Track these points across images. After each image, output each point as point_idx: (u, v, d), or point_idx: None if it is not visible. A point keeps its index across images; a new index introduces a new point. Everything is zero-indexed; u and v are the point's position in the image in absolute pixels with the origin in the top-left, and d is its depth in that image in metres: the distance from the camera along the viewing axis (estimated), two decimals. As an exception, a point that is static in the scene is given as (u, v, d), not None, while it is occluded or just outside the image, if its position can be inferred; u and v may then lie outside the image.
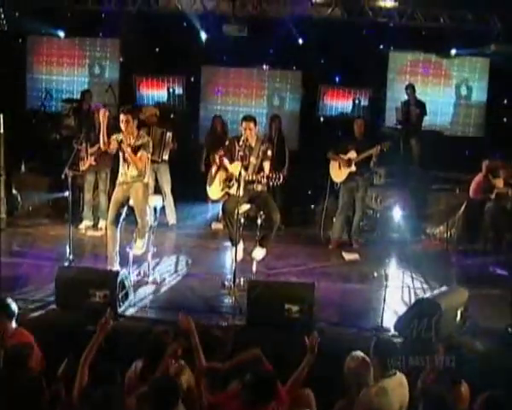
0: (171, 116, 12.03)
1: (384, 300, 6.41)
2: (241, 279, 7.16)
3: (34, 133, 11.15)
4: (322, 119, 12.04)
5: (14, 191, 10.21)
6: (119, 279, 6.25)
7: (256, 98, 11.93)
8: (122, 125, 7.17)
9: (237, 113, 11.77)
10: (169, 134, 9.60)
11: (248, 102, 11.96)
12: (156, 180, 9.82)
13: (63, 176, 7.39)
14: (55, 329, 6.03)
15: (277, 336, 5.88)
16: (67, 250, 7.48)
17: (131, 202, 7.26)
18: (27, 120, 11.67)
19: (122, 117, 7.16)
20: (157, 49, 11.84)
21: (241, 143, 7.13)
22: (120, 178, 7.37)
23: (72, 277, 6.30)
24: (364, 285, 7.54)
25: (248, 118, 7.23)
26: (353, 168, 9.02)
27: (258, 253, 7.23)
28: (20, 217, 10.07)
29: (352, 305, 6.92)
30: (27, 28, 11.84)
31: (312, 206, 10.98)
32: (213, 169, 7.47)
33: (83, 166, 9.36)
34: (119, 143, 7.19)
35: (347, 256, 8.78)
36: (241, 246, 7.26)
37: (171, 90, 12.06)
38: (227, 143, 7.37)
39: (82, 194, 9.82)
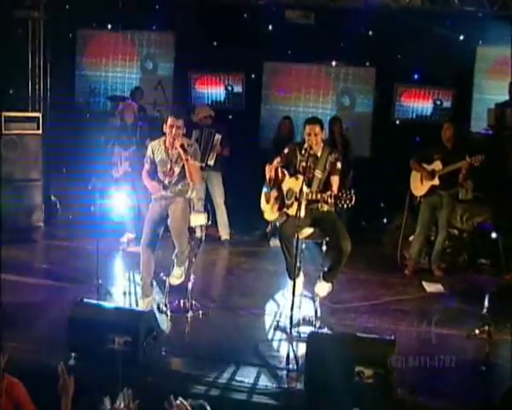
0: (229, 117, 10.60)
1: (487, 356, 4.75)
2: (301, 318, 5.69)
3: (78, 134, 9.84)
4: (397, 122, 10.27)
5: (52, 198, 8.97)
6: (144, 322, 4.78)
7: (323, 98, 10.30)
8: (169, 132, 5.75)
9: (302, 114, 10.20)
10: (217, 136, 8.20)
11: (315, 103, 10.35)
12: (207, 190, 8.39)
13: (90, 187, 6.02)
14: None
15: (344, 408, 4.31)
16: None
17: (169, 222, 5.81)
18: (74, 119, 10.41)
19: (171, 121, 5.74)
20: (214, 43, 10.36)
21: (303, 151, 5.55)
22: (164, 193, 5.93)
23: (88, 317, 4.87)
24: (456, 331, 5.83)
25: (313, 121, 5.67)
26: (436, 181, 7.38)
27: (323, 288, 5.67)
28: (58, 226, 8.83)
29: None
30: (77, 21, 10.58)
31: (385, 220, 9.33)
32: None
33: (116, 174, 8.01)
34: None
35: (429, 287, 7.13)
36: (300, 279, 5.71)
37: (229, 88, 10.57)
38: (286, 151, 5.82)
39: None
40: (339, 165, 5.61)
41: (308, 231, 5.65)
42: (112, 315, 4.91)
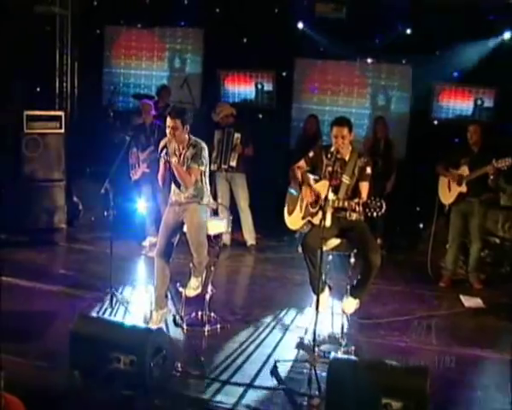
0: (259, 116, 10.12)
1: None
2: (326, 335, 5.23)
3: (104, 133, 9.48)
4: (435, 122, 9.59)
5: (75, 199, 8.63)
6: (151, 341, 4.33)
7: (358, 97, 9.70)
8: (168, 132, 5.28)
9: (335, 114, 9.61)
10: (237, 135, 7.76)
11: (349, 102, 9.76)
12: (231, 193, 7.92)
13: (103, 191, 5.60)
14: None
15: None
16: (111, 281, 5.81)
17: (185, 230, 5.35)
18: (101, 118, 10.04)
19: (169, 121, 5.28)
20: (244, 40, 9.87)
21: (329, 155, 5.03)
22: (172, 198, 5.50)
23: (91, 332, 4.44)
24: (498, 353, 5.24)
25: (340, 122, 5.14)
26: (464, 188, 6.79)
27: (350, 305, 5.15)
28: (80, 228, 8.47)
29: (483, 389, 4.65)
30: (105, 18, 10.23)
31: (421, 225, 8.72)
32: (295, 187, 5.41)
33: (135, 176, 7.62)
34: (161, 153, 5.32)
35: (467, 302, 6.53)
36: (325, 294, 5.18)
37: (259, 86, 10.05)
38: (311, 154, 5.31)
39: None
40: (368, 170, 5.06)
41: (334, 241, 5.12)
42: (117, 332, 4.46)
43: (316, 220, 5.02)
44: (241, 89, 10.11)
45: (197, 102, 9.63)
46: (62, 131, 8.40)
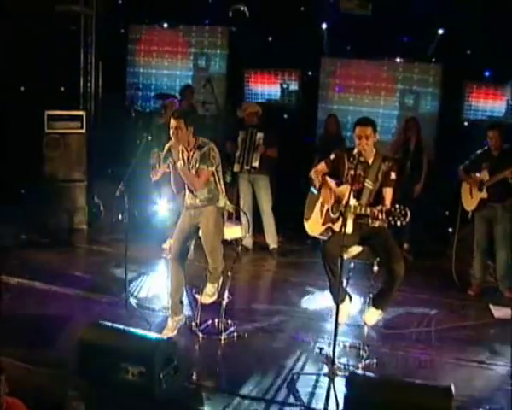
0: (284, 116, 9.85)
1: None
2: (347, 347, 5.00)
3: (127, 133, 9.31)
4: (466, 123, 9.20)
5: (96, 199, 8.48)
6: (160, 351, 4.11)
7: (385, 97, 9.35)
8: (171, 133, 5.08)
9: (361, 115, 9.28)
10: (259, 135, 7.52)
11: (376, 102, 9.41)
12: (254, 195, 7.69)
13: (117, 193, 5.41)
14: None
15: None
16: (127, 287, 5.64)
17: (201, 235, 5.13)
18: (124, 118, 9.88)
19: (172, 122, 5.10)
20: (269, 39, 9.60)
21: (351, 158, 4.76)
22: (187, 201, 5.29)
23: (99, 341, 4.25)
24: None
25: (364, 121, 4.88)
26: (484, 194, 6.47)
27: (371, 316, 4.87)
28: (101, 230, 8.30)
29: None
30: (129, 17, 10.08)
31: (450, 230, 8.36)
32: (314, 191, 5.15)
33: (155, 176, 7.40)
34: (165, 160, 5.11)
35: (496, 312, 6.19)
36: (346, 304, 4.91)
37: (284, 85, 9.78)
38: (332, 156, 5.04)
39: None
40: (393, 175, 4.77)
41: (356, 249, 4.86)
42: (125, 341, 4.26)
43: (336, 227, 4.76)
44: (266, 88, 9.84)
45: (221, 102, 9.39)
46: (84, 130, 8.28)
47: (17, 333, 5.00)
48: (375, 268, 4.90)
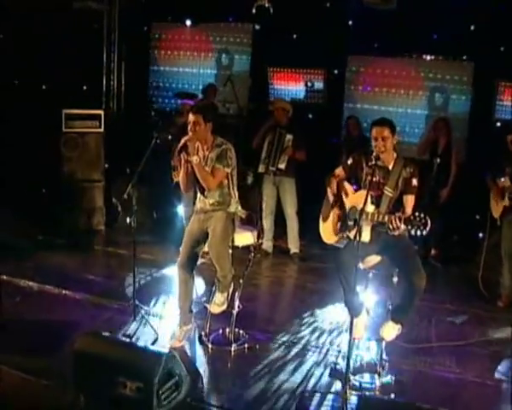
0: (309, 116, 9.49)
1: None
2: (364, 363, 4.62)
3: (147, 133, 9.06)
4: (498, 123, 8.70)
5: (113, 200, 8.26)
6: (159, 366, 3.81)
7: (414, 96, 8.91)
8: (189, 128, 4.78)
9: (389, 115, 8.92)
10: (288, 137, 7.21)
11: (404, 101, 8.97)
12: (278, 198, 7.37)
13: (125, 196, 5.14)
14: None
15: None
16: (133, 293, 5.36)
17: (207, 241, 4.84)
18: (146, 117, 9.65)
19: (190, 117, 4.78)
20: (294, 36, 9.25)
21: (370, 162, 4.40)
22: (197, 205, 5.00)
23: (96, 352, 3.98)
24: None
25: (380, 121, 4.52)
26: (506, 202, 6.09)
27: (389, 331, 4.48)
28: (118, 231, 8.07)
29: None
30: (152, 14, 9.84)
31: (480, 235, 7.91)
32: (330, 197, 4.80)
33: (176, 178, 7.16)
34: (180, 152, 4.80)
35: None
36: (362, 318, 4.54)
37: (309, 84, 9.41)
38: (350, 160, 4.69)
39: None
40: (415, 182, 4.40)
41: (374, 259, 4.49)
42: (123, 354, 3.98)
43: (352, 235, 4.39)
44: (290, 87, 9.50)
45: (243, 101, 9.08)
46: (102, 130, 8.07)
47: (19, 339, 4.81)
48: (395, 279, 4.53)
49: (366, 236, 4.31)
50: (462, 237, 8.16)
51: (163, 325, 5.27)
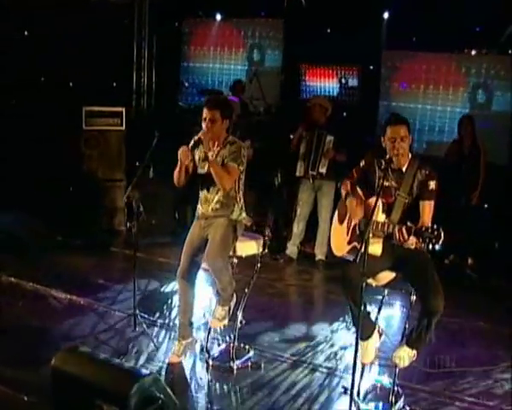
0: (343, 115, 8.92)
1: None
2: (377, 388, 4.07)
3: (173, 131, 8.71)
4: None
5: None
6: (139, 389, 3.38)
7: (453, 93, 8.25)
8: (204, 125, 4.32)
9: (428, 113, 8.31)
10: (329, 138, 6.68)
11: (443, 99, 8.35)
12: (315, 202, 6.86)
13: (125, 199, 4.76)
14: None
15: None
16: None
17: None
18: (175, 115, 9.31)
19: (205, 113, 4.32)
20: (328, 31, 8.71)
21: (383, 164, 3.86)
22: (199, 209, 4.56)
23: (73, 370, 3.58)
24: None
25: (397, 120, 3.97)
26: None
27: (404, 356, 3.91)
28: (140, 232, 7.69)
29: None
30: (183, 9, 9.48)
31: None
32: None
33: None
34: (194, 148, 4.35)
35: None
36: (373, 341, 3.99)
37: (343, 81, 8.87)
38: (362, 162, 4.15)
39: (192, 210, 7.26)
40: (432, 185, 3.82)
41: (388, 275, 3.94)
42: (100, 374, 3.55)
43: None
44: (324, 84, 8.97)
45: (273, 99, 8.62)
46: (123, 128, 7.73)
47: (10, 348, 4.48)
48: (413, 298, 3.97)
49: (377, 249, 3.79)
50: (504, 245, 7.45)
51: (166, 337, 4.87)
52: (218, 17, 9.41)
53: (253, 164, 7.04)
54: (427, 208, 3.80)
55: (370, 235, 3.66)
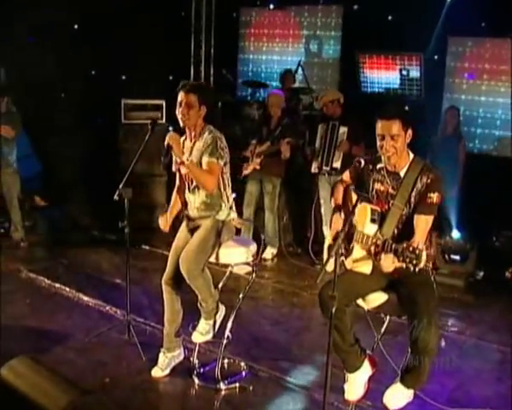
0: (405, 108, 8.04)
1: None
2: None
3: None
4: None
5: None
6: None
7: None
8: (179, 112, 3.81)
9: (499, 107, 7.31)
10: (343, 129, 6.05)
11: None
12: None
13: (116, 197, 4.33)
14: None
15: None
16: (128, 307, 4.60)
17: (183, 253, 3.88)
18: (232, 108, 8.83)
19: (181, 97, 3.83)
20: (389, 17, 7.87)
21: (378, 166, 3.17)
22: (186, 211, 4.05)
23: (18, 385, 3.14)
24: None
25: (387, 113, 3.28)
26: None
27: (398, 396, 3.23)
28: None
29: None
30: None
31: None
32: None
33: (245, 170, 6.37)
34: (168, 153, 3.84)
35: None
36: (361, 374, 3.30)
37: (403, 72, 7.98)
38: (357, 162, 3.43)
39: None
40: (433, 197, 3.08)
41: (379, 297, 3.26)
42: (42, 391, 3.15)
43: (349, 263, 3.19)
44: (383, 75, 8.12)
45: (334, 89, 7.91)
46: (164, 121, 7.35)
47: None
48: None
49: (366, 266, 3.11)
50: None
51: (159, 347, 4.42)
52: (271, 6, 8.78)
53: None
54: (423, 224, 3.07)
55: (358, 248, 3.01)
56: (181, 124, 3.84)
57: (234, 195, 4.09)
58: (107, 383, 3.91)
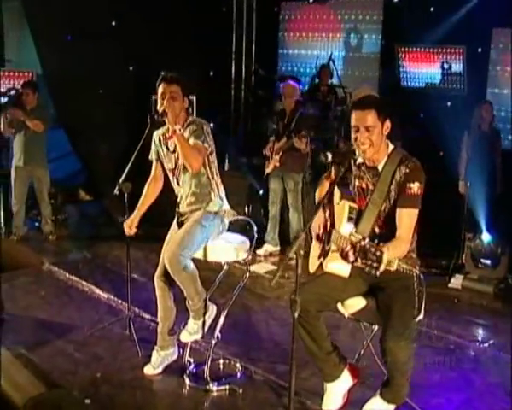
0: (447, 104, 7.63)
1: None
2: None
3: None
4: None
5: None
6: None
7: None
8: (161, 104, 3.69)
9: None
10: None
11: None
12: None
13: (116, 192, 4.24)
14: None
15: None
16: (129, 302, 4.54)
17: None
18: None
19: (164, 88, 3.71)
20: (431, 9, 7.47)
21: (358, 161, 2.93)
22: (177, 208, 3.93)
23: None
24: None
25: (361, 104, 3.00)
26: None
27: None
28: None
29: None
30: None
31: None
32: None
33: (267, 169, 6.23)
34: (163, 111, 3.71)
35: None
36: (341, 385, 3.05)
37: (445, 66, 7.54)
38: (323, 157, 3.29)
39: (262, 207, 6.65)
40: (413, 188, 2.81)
41: (358, 303, 3.01)
42: (11, 382, 3.11)
43: (326, 265, 2.95)
44: (424, 69, 7.72)
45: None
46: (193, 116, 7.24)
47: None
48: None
49: (343, 268, 2.87)
50: None
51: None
52: (314, -1, 8.54)
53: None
54: (405, 219, 2.80)
55: (333, 249, 2.79)
56: (163, 117, 3.70)
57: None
58: (98, 378, 3.85)
